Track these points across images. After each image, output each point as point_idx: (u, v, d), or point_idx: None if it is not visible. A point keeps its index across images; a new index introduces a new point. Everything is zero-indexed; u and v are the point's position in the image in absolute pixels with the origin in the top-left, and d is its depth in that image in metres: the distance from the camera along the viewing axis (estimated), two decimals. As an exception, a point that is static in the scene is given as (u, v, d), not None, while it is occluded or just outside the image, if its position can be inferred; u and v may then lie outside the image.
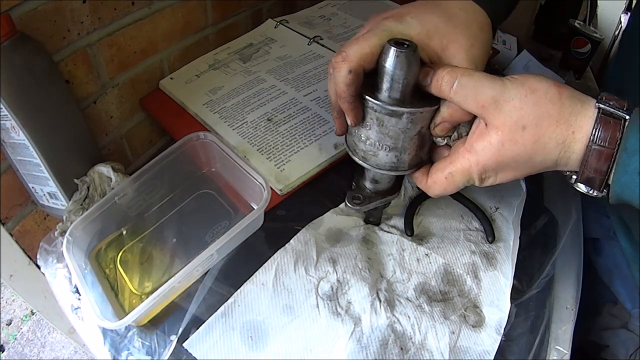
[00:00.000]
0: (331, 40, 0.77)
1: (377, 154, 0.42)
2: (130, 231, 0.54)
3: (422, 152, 0.43)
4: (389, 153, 0.41)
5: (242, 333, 0.44)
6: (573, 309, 0.49)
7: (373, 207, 0.48)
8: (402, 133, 0.40)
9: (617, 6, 0.87)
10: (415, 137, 0.40)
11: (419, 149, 0.42)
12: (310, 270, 0.48)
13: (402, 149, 0.41)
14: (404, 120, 0.39)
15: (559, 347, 0.46)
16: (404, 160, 0.42)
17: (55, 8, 0.49)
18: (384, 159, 0.42)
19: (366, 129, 0.41)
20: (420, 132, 0.40)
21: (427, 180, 0.42)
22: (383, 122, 0.40)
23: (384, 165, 0.42)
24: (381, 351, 0.42)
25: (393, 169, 0.42)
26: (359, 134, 0.42)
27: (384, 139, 0.40)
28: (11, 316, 1.38)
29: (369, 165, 0.43)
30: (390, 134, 0.40)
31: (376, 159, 0.42)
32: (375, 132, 0.40)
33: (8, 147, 0.50)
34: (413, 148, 0.41)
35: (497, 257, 0.51)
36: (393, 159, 0.42)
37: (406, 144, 0.41)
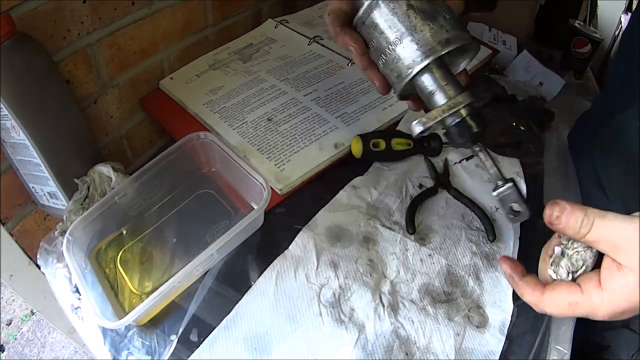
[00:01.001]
0: (331, 40, 0.77)
1: (398, 58, 0.37)
2: (130, 231, 0.54)
3: (439, 26, 0.36)
4: (402, 45, 0.36)
5: (246, 344, 0.44)
6: (573, 309, 0.49)
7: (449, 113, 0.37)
8: (393, 17, 0.36)
9: (617, 6, 0.87)
10: (409, 12, 0.36)
11: (431, 21, 0.36)
12: (311, 276, 0.47)
13: (410, 30, 0.36)
14: (383, 4, 0.37)
15: (559, 347, 0.46)
16: (426, 40, 0.36)
17: (56, 8, 0.49)
18: (407, 53, 0.36)
19: (373, 47, 0.38)
20: (410, 4, 0.36)
21: (542, 294, 0.36)
22: (374, 24, 0.37)
23: (413, 60, 0.36)
24: (386, 357, 0.42)
25: (423, 55, 0.36)
26: (377, 59, 0.38)
27: (388, 35, 0.37)
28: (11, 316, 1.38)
29: (406, 77, 0.37)
30: (386, 27, 0.37)
31: (400, 63, 0.37)
32: (379, 40, 0.37)
33: (8, 147, 0.50)
34: (420, 22, 0.36)
35: (497, 258, 0.51)
36: (413, 46, 0.36)
37: (407, 22, 0.36)
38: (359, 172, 0.58)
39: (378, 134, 0.58)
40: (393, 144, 0.58)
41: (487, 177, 0.59)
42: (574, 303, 0.36)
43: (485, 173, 0.59)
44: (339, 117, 0.62)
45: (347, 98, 0.65)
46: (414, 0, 0.36)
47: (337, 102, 0.65)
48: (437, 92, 0.37)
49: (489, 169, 0.38)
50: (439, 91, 0.37)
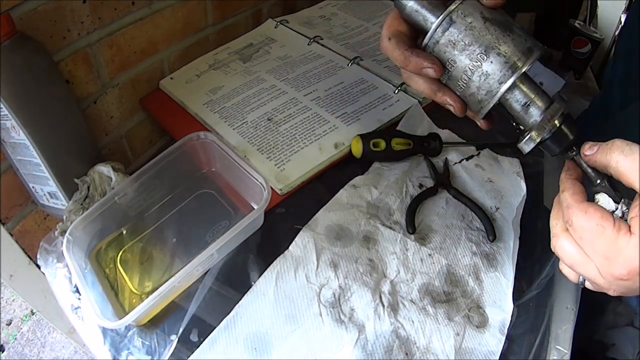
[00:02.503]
0: (331, 40, 0.77)
1: (486, 74, 0.35)
2: (130, 231, 0.54)
3: (518, 35, 0.35)
4: (489, 60, 0.35)
5: (246, 345, 0.43)
6: (573, 309, 0.49)
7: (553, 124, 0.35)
8: (472, 31, 0.35)
9: (617, 6, 0.87)
10: (487, 25, 0.35)
11: (509, 32, 0.35)
12: (311, 277, 0.47)
13: (491, 44, 0.35)
14: (458, 20, 0.35)
15: (559, 346, 0.46)
16: (511, 52, 0.34)
17: (56, 8, 0.49)
18: (496, 68, 0.35)
19: (452, 67, 0.36)
20: (486, 17, 0.35)
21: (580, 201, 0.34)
22: (451, 42, 0.36)
23: (503, 74, 0.35)
24: (386, 357, 0.42)
25: (513, 67, 0.35)
26: (457, 79, 0.37)
27: (470, 52, 0.35)
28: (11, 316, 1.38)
29: (498, 92, 0.35)
30: (468, 43, 0.35)
31: (490, 79, 0.35)
32: (460, 58, 0.36)
33: (8, 147, 0.50)
34: (501, 34, 0.35)
35: (497, 258, 0.51)
36: (500, 60, 0.35)
37: (489, 36, 0.35)
38: (359, 172, 0.58)
39: (378, 134, 0.58)
40: (393, 144, 0.58)
41: (487, 178, 0.59)
42: (602, 225, 0.32)
43: (486, 173, 0.59)
44: (339, 117, 0.62)
45: (347, 98, 0.65)
46: (487, 12, 0.35)
47: (337, 102, 0.65)
48: (530, 104, 0.36)
49: (587, 170, 0.37)
50: (531, 103, 0.36)
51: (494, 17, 0.35)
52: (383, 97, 0.65)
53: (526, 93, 0.36)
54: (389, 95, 0.66)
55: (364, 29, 0.81)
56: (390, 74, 0.68)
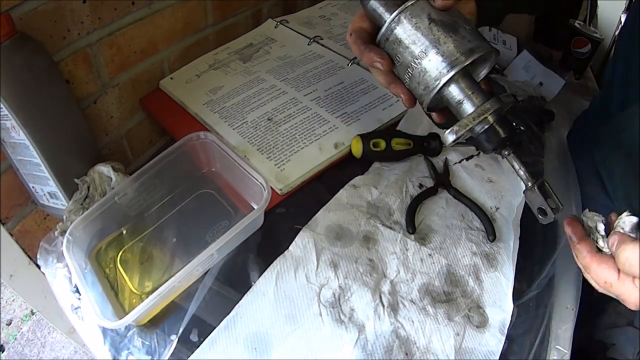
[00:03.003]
0: (331, 40, 0.77)
1: (424, 70, 0.37)
2: (130, 231, 0.54)
3: (461, 37, 0.37)
4: (427, 58, 0.37)
5: (246, 345, 0.44)
6: (573, 309, 0.49)
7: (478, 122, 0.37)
8: (416, 31, 0.37)
9: (617, 6, 0.87)
10: (431, 26, 0.37)
11: (453, 33, 0.37)
12: (311, 277, 0.47)
13: (432, 44, 0.37)
14: (405, 20, 0.38)
15: (559, 346, 0.46)
16: (450, 52, 0.37)
17: (56, 8, 0.49)
18: (433, 65, 0.37)
19: (399, 62, 0.39)
20: (432, 18, 0.37)
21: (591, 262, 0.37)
22: (398, 40, 0.38)
23: (440, 72, 0.37)
24: (386, 357, 0.42)
25: (449, 66, 0.37)
26: (403, 74, 0.39)
27: (413, 50, 0.38)
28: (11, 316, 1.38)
29: (434, 88, 0.38)
30: (411, 42, 0.38)
31: (427, 75, 0.38)
32: (404, 55, 0.38)
33: (8, 147, 0.50)
34: (443, 35, 0.37)
35: (497, 258, 0.51)
36: (438, 58, 0.37)
37: (430, 36, 0.37)
38: (359, 172, 0.58)
39: (378, 134, 0.58)
40: (393, 144, 0.58)
41: (487, 178, 0.59)
42: (609, 284, 0.36)
43: (485, 173, 0.59)
44: (339, 117, 0.62)
45: (347, 98, 0.65)
46: (434, 13, 0.38)
47: (337, 102, 0.65)
48: (464, 101, 0.38)
49: (519, 171, 0.39)
50: (467, 100, 0.38)
51: (440, 18, 0.38)
52: (383, 97, 0.65)
53: (462, 90, 0.38)
54: (389, 95, 0.66)
55: (364, 29, 0.81)
56: (390, 74, 0.68)
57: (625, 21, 0.60)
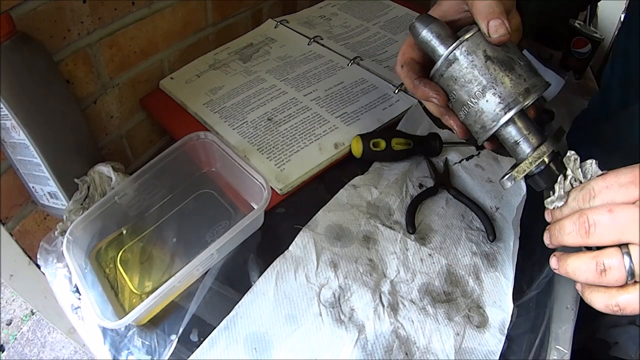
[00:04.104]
0: (331, 40, 0.77)
1: (481, 111, 0.37)
2: (130, 231, 0.54)
3: (517, 75, 0.37)
4: (485, 98, 0.37)
5: (246, 345, 0.43)
6: (573, 309, 0.49)
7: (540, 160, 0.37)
8: (472, 69, 0.37)
9: (617, 6, 0.87)
10: (488, 64, 0.37)
11: (509, 71, 0.36)
12: (311, 277, 0.47)
13: (489, 84, 0.36)
14: (461, 57, 0.37)
15: (559, 346, 0.46)
16: (507, 92, 0.36)
17: (56, 8, 0.49)
18: (491, 107, 0.37)
19: (454, 99, 0.39)
20: (488, 55, 0.37)
21: None
22: (453, 77, 0.38)
23: (497, 113, 0.37)
24: (386, 358, 0.42)
25: (507, 108, 0.36)
26: (459, 110, 0.39)
27: (469, 89, 0.37)
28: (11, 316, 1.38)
29: (491, 129, 0.37)
30: (467, 80, 0.37)
31: (484, 115, 0.37)
32: (460, 93, 0.38)
33: (8, 146, 0.50)
34: (500, 74, 0.36)
35: (497, 258, 0.51)
36: (495, 99, 0.36)
37: (487, 75, 0.37)
38: (359, 172, 0.58)
39: (378, 134, 0.58)
40: (393, 144, 0.58)
41: (487, 178, 0.59)
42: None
43: (486, 173, 0.59)
44: (339, 117, 0.62)
45: (347, 98, 0.65)
46: (490, 49, 0.37)
47: (337, 102, 0.65)
48: (521, 142, 0.37)
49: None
50: (523, 141, 0.37)
51: (496, 55, 0.37)
52: (383, 97, 0.65)
53: (519, 130, 0.37)
54: (389, 95, 0.66)
55: (364, 29, 0.81)
56: (390, 74, 0.68)
57: (623, 20, 0.60)
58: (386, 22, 0.83)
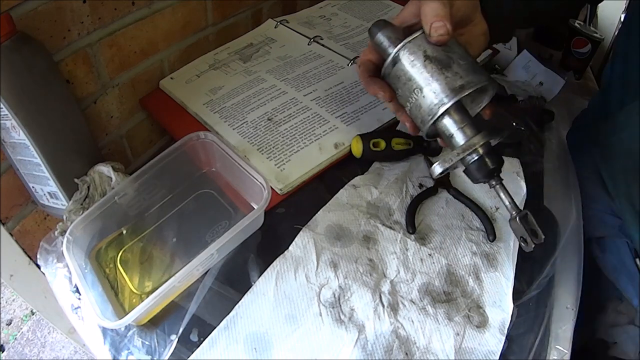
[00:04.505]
0: (331, 40, 0.77)
1: (419, 106, 0.40)
2: (130, 231, 0.54)
3: (454, 73, 0.39)
4: (422, 94, 0.40)
5: (246, 345, 0.43)
6: (573, 309, 0.49)
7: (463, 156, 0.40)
8: (412, 68, 0.40)
9: (617, 6, 0.87)
10: (426, 63, 0.39)
11: (446, 69, 0.39)
12: (310, 277, 0.47)
13: (427, 80, 0.39)
14: (404, 57, 0.40)
15: (559, 346, 0.46)
16: (441, 88, 0.39)
17: (56, 8, 0.49)
18: (427, 102, 0.40)
19: (399, 95, 0.42)
20: (427, 55, 0.40)
21: None
22: (397, 76, 0.41)
23: (432, 108, 0.39)
24: (386, 358, 0.42)
25: (440, 103, 0.39)
26: (404, 105, 0.43)
27: (409, 86, 0.40)
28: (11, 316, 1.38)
29: (427, 122, 0.40)
30: (408, 78, 0.40)
31: (422, 110, 0.40)
32: (403, 89, 0.41)
33: (8, 146, 0.50)
34: (436, 72, 0.39)
35: (497, 258, 0.51)
36: (431, 95, 0.39)
37: (425, 73, 0.39)
38: (359, 172, 0.58)
39: (378, 134, 0.58)
40: (393, 144, 0.58)
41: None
42: None
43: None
44: (339, 117, 0.62)
45: (347, 98, 0.65)
46: (430, 50, 0.40)
47: (337, 102, 0.65)
48: (456, 133, 0.40)
49: (504, 201, 0.41)
50: (458, 132, 0.40)
51: (436, 55, 0.40)
52: (383, 97, 0.65)
53: (454, 123, 0.40)
54: (389, 95, 0.66)
55: (364, 29, 0.81)
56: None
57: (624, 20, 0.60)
58: (386, 22, 0.83)
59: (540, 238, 0.41)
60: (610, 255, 0.61)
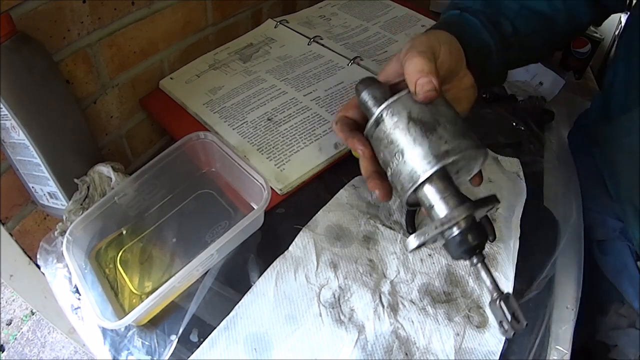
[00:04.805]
0: (331, 40, 0.77)
1: (400, 172, 0.36)
2: (130, 231, 0.54)
3: (438, 137, 0.35)
4: (403, 159, 0.36)
5: (246, 345, 0.43)
6: (573, 309, 0.49)
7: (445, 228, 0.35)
8: (394, 131, 0.36)
9: (617, 6, 0.87)
10: (410, 125, 0.36)
11: (430, 133, 0.35)
12: (310, 277, 0.47)
13: (408, 146, 0.36)
14: (387, 119, 0.37)
15: (559, 347, 0.46)
16: (424, 154, 0.35)
17: (56, 8, 0.49)
18: (407, 168, 0.36)
19: (381, 159, 0.39)
20: (412, 117, 0.36)
21: None
22: (379, 138, 0.38)
23: (412, 176, 0.35)
24: (386, 358, 0.42)
25: (422, 170, 0.35)
26: (385, 169, 0.38)
27: (391, 149, 0.37)
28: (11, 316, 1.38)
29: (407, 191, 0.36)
30: (390, 141, 0.37)
31: (403, 177, 0.36)
32: (385, 153, 0.38)
33: (8, 147, 0.50)
34: (420, 136, 0.35)
35: (497, 258, 0.51)
36: (412, 161, 0.35)
37: (407, 137, 0.36)
38: (358, 172, 0.58)
39: (378, 134, 0.58)
40: (393, 144, 0.57)
41: (487, 178, 0.59)
42: None
43: (486, 174, 0.59)
44: (339, 117, 0.62)
45: (347, 98, 0.65)
46: (415, 111, 0.36)
47: (337, 102, 0.65)
48: (437, 204, 0.36)
49: (486, 281, 0.36)
50: (440, 203, 0.36)
51: (421, 117, 0.36)
52: (383, 97, 0.65)
53: (436, 192, 0.36)
54: (389, 95, 0.66)
55: (364, 29, 0.81)
56: (390, 74, 0.68)
57: (626, 22, 0.60)
58: (386, 22, 0.83)
59: (522, 324, 0.34)
60: (611, 258, 0.60)
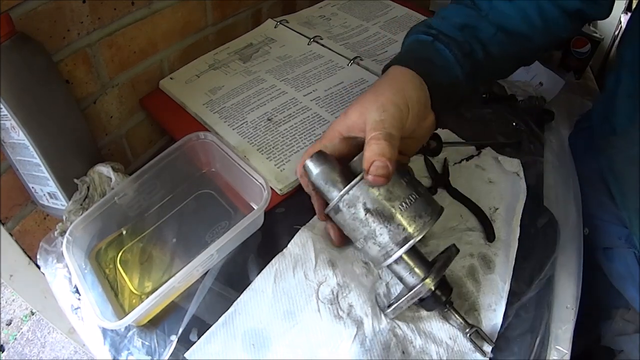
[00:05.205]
0: (331, 40, 0.77)
1: (367, 253, 0.42)
2: (130, 231, 0.54)
3: (396, 225, 0.39)
4: (367, 245, 0.41)
5: (244, 341, 0.43)
6: (573, 309, 0.49)
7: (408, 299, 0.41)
8: (354, 221, 0.40)
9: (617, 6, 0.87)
10: (367, 216, 0.39)
11: (388, 223, 0.39)
12: (309, 274, 0.47)
13: (370, 235, 0.40)
14: (344, 209, 0.40)
15: (559, 347, 0.46)
16: (385, 243, 0.40)
17: (55, 8, 0.49)
18: (373, 252, 0.41)
19: (346, 232, 0.43)
20: (367, 208, 0.39)
21: None
22: (341, 222, 0.42)
23: (379, 258, 0.41)
24: (384, 354, 0.42)
25: (386, 255, 0.40)
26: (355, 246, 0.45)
27: (355, 236, 0.41)
28: (11, 316, 1.38)
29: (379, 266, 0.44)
30: (352, 229, 0.41)
31: (371, 256, 0.42)
32: (349, 232, 0.42)
33: (8, 147, 0.50)
34: (378, 227, 0.39)
35: (495, 260, 0.50)
36: (376, 248, 0.40)
37: (367, 227, 0.40)
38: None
39: (378, 135, 0.58)
40: (393, 144, 0.57)
41: (487, 178, 0.59)
42: None
43: (486, 173, 0.59)
44: (339, 117, 0.62)
45: (347, 98, 0.65)
46: (370, 201, 0.39)
47: (337, 102, 0.65)
48: (406, 277, 0.42)
49: (457, 321, 0.43)
50: (409, 276, 0.42)
51: (376, 207, 0.39)
52: (383, 97, 0.65)
53: (403, 268, 0.42)
54: (389, 95, 0.66)
55: (364, 29, 0.81)
56: (390, 74, 0.68)
57: (627, 26, 0.59)
58: (386, 22, 0.83)
59: (486, 354, 0.43)
60: (617, 265, 0.60)
